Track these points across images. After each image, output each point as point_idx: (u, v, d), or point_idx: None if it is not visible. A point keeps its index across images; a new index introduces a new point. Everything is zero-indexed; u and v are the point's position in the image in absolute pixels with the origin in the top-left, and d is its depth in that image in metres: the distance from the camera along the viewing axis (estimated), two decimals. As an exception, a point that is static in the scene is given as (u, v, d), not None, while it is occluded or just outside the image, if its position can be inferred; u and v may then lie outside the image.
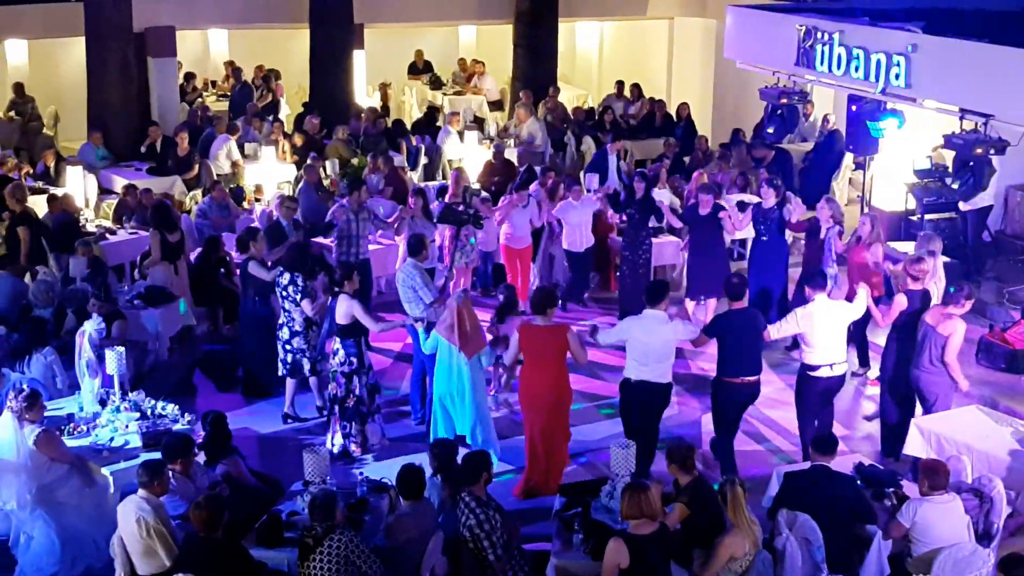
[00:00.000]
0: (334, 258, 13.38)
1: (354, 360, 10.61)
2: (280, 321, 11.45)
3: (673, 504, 8.01)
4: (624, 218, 14.45)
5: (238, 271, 12.61)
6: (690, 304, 13.63)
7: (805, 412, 10.61)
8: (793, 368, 11.48)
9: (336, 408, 10.74)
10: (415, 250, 11.56)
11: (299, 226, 13.38)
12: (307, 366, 11.43)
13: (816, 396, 10.47)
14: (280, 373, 11.57)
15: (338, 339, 10.67)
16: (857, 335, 12.58)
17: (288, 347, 11.40)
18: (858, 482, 8.66)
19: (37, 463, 8.77)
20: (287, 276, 11.24)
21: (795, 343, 12.42)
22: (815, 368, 10.31)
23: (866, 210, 16.01)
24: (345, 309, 10.52)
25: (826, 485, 8.22)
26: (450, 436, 10.30)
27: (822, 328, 10.21)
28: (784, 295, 13.41)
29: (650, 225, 14.22)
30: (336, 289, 10.82)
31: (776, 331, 10.52)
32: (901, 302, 10.72)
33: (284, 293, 11.30)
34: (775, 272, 13.42)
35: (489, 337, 11.23)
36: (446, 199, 14.41)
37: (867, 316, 11.35)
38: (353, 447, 10.73)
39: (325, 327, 11.53)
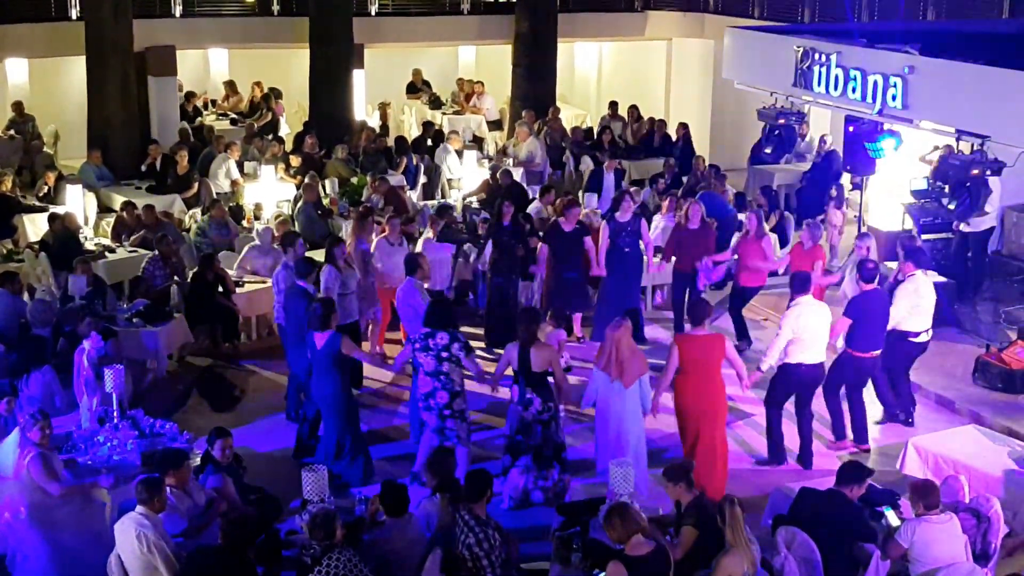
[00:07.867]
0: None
1: (551, 405, 10.30)
2: (434, 385, 10.33)
3: (682, 529, 8.02)
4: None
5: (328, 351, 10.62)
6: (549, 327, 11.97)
7: (901, 373, 11.95)
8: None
9: (524, 458, 10.28)
10: (411, 269, 11.62)
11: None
12: (465, 429, 10.56)
13: (911, 360, 11.94)
14: (446, 444, 10.21)
15: (531, 389, 10.23)
16: (733, 310, 14.03)
17: (447, 411, 10.35)
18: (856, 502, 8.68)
19: (34, 482, 8.77)
20: (444, 336, 10.30)
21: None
22: (916, 335, 11.70)
23: (864, 229, 16.06)
24: (546, 357, 10.24)
25: (824, 505, 8.23)
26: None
27: (925, 299, 11.64)
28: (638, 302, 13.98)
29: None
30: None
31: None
32: None
33: (445, 355, 10.28)
34: (636, 280, 14.06)
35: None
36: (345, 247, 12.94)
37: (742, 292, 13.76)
38: (539, 494, 10.24)
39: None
